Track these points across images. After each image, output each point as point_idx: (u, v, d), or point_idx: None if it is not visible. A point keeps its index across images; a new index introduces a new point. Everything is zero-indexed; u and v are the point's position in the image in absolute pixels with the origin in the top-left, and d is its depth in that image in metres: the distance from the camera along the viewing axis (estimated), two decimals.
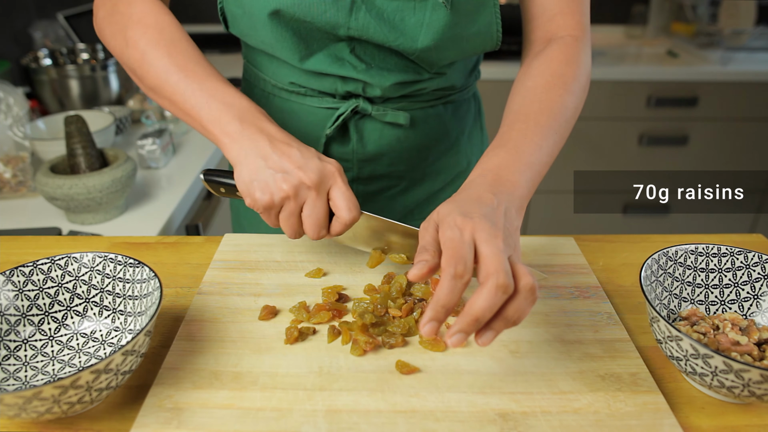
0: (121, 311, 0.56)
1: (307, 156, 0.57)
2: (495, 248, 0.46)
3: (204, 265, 0.69)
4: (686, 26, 2.45)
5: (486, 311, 0.44)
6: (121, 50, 0.67)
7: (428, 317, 0.46)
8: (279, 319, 0.58)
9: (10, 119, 1.24)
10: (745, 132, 2.22)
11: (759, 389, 0.44)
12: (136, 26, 0.66)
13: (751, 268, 0.57)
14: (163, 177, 1.23)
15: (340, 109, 0.75)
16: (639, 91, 2.14)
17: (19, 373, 0.51)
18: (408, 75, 0.74)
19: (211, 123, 0.60)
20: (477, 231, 0.47)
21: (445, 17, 0.67)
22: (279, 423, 0.46)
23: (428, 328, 0.45)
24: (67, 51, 1.65)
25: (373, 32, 0.68)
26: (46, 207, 1.09)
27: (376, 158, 0.80)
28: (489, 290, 0.44)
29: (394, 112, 0.76)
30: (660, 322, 0.49)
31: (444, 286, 0.45)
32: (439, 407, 0.47)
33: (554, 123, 0.62)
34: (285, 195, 0.56)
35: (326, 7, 0.66)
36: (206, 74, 0.62)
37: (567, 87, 0.66)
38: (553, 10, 0.71)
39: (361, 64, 0.72)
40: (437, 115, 0.81)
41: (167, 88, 0.63)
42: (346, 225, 0.58)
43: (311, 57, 0.71)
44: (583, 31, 0.72)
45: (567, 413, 0.47)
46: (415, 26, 0.68)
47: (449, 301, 0.45)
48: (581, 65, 0.69)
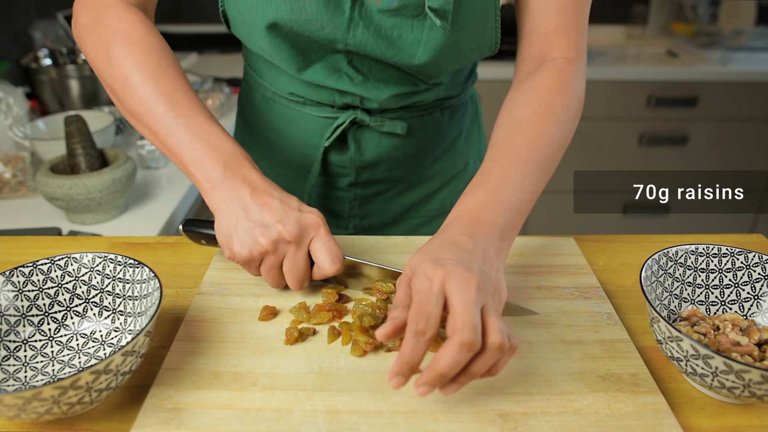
0: (121, 312, 0.56)
1: (287, 208, 0.56)
2: (465, 299, 0.44)
3: (204, 265, 0.68)
4: (686, 26, 2.45)
5: (450, 368, 0.43)
6: (103, 66, 0.64)
7: (394, 371, 0.45)
8: (279, 320, 0.58)
9: (10, 119, 1.24)
10: (745, 132, 2.22)
11: (759, 390, 0.44)
12: (122, 43, 0.62)
13: (751, 268, 0.57)
14: (163, 177, 1.23)
15: (339, 119, 0.75)
16: (639, 91, 2.14)
17: (19, 374, 0.51)
18: (405, 87, 0.73)
19: (193, 165, 0.58)
20: (448, 280, 0.46)
21: (443, 36, 0.66)
22: (279, 423, 0.46)
23: (395, 381, 0.45)
24: (67, 51, 1.65)
25: (370, 48, 0.67)
26: (46, 207, 1.09)
27: (374, 165, 0.80)
28: (453, 347, 0.43)
29: (391, 122, 0.76)
30: (660, 322, 0.49)
31: (407, 343, 0.44)
32: (439, 408, 0.47)
33: (539, 158, 0.59)
34: (263, 250, 0.55)
35: (324, 23, 0.65)
36: (193, 109, 0.60)
37: (555, 117, 0.62)
38: (548, 27, 0.68)
39: (359, 76, 0.71)
40: (434, 121, 0.81)
41: (149, 118, 0.60)
42: (327, 276, 0.58)
43: (309, 68, 0.71)
44: (578, 53, 0.68)
45: (567, 414, 0.47)
46: (412, 43, 0.67)
47: (413, 358, 0.44)
48: (572, 92, 0.65)
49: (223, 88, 1.66)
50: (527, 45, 0.70)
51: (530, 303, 0.61)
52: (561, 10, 0.67)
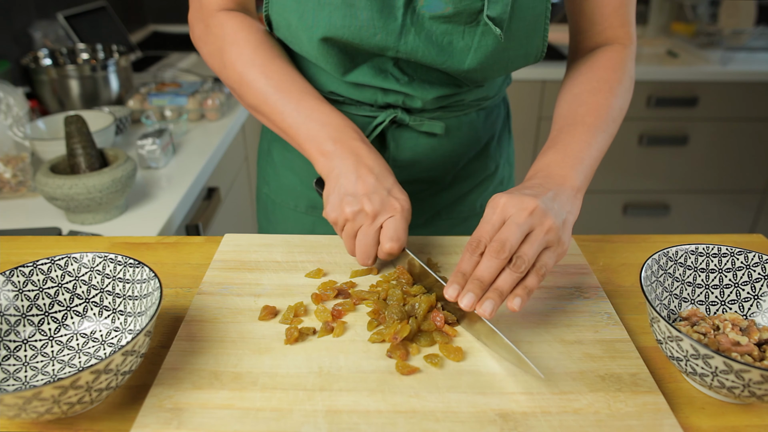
0: (121, 311, 0.56)
1: (379, 186, 0.61)
2: (513, 220, 0.53)
3: (204, 265, 0.69)
4: (686, 26, 2.46)
5: (483, 272, 0.52)
6: (220, 70, 0.72)
7: (451, 281, 0.53)
8: (279, 320, 0.58)
9: (10, 119, 1.24)
10: (745, 132, 2.22)
11: (759, 389, 0.44)
12: (231, 47, 0.70)
13: (751, 268, 0.57)
14: (163, 177, 1.23)
15: (379, 118, 0.76)
16: (639, 91, 2.14)
17: (19, 374, 0.51)
18: (449, 89, 0.74)
19: (307, 142, 0.65)
20: (509, 204, 0.54)
21: (494, 43, 0.67)
22: (279, 423, 0.46)
23: (451, 290, 0.52)
24: (67, 51, 1.65)
25: (421, 55, 0.68)
26: (46, 207, 1.09)
27: (411, 165, 0.81)
28: (486, 253, 0.52)
29: (430, 122, 0.77)
30: (660, 322, 0.49)
31: (463, 257, 0.53)
32: (439, 407, 0.47)
33: (601, 123, 0.66)
34: (345, 217, 0.61)
35: (376, 30, 0.65)
36: (301, 93, 0.67)
37: (612, 91, 0.69)
38: (604, 24, 0.74)
39: (404, 77, 0.72)
40: (470, 123, 0.81)
41: (266, 108, 0.68)
42: (384, 254, 0.61)
43: (354, 70, 0.72)
44: (631, 40, 0.75)
45: (567, 413, 0.47)
46: (463, 50, 0.67)
47: (465, 268, 0.53)
48: (626, 71, 0.72)
49: (223, 88, 1.66)
50: (583, 39, 0.76)
51: (530, 303, 0.61)
52: (616, 9, 0.73)
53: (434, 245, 0.71)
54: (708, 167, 2.29)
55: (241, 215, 1.75)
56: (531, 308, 0.60)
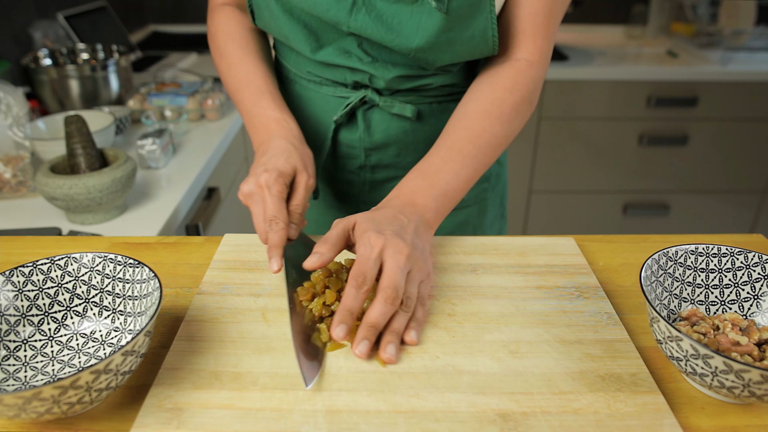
0: (120, 311, 0.56)
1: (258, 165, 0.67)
2: (395, 265, 0.55)
3: (204, 265, 0.69)
4: (686, 26, 2.46)
5: (378, 318, 0.53)
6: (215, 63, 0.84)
7: (337, 321, 0.52)
8: (279, 320, 0.58)
9: (10, 119, 1.24)
10: (745, 132, 2.22)
11: (759, 389, 0.44)
12: (212, 41, 0.83)
13: (751, 268, 0.57)
14: (163, 177, 1.23)
15: (350, 98, 0.80)
16: (639, 91, 2.14)
17: (19, 374, 0.51)
18: (411, 70, 0.77)
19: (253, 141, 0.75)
20: (386, 247, 0.55)
21: (439, 21, 0.69)
22: (279, 423, 0.46)
23: (338, 330, 0.52)
24: (67, 51, 1.65)
25: (371, 32, 0.71)
26: (46, 207, 1.09)
27: (383, 147, 0.84)
28: (379, 301, 0.53)
29: (401, 105, 0.80)
30: (660, 322, 0.49)
31: (348, 295, 0.53)
32: (439, 407, 0.47)
33: (478, 153, 0.68)
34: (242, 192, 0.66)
35: (329, 5, 0.70)
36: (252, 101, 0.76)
37: (502, 117, 0.70)
38: (517, 28, 0.72)
39: (367, 57, 0.76)
40: (444, 110, 0.83)
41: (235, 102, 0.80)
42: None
43: (322, 49, 0.76)
44: (541, 56, 0.73)
45: (567, 413, 0.47)
46: (411, 29, 0.70)
47: (352, 306, 0.53)
48: (525, 94, 0.71)
49: (223, 88, 1.66)
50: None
51: (530, 303, 0.61)
52: (531, 14, 0.71)
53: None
54: (708, 167, 2.29)
55: (241, 215, 1.75)
56: (531, 308, 0.60)
